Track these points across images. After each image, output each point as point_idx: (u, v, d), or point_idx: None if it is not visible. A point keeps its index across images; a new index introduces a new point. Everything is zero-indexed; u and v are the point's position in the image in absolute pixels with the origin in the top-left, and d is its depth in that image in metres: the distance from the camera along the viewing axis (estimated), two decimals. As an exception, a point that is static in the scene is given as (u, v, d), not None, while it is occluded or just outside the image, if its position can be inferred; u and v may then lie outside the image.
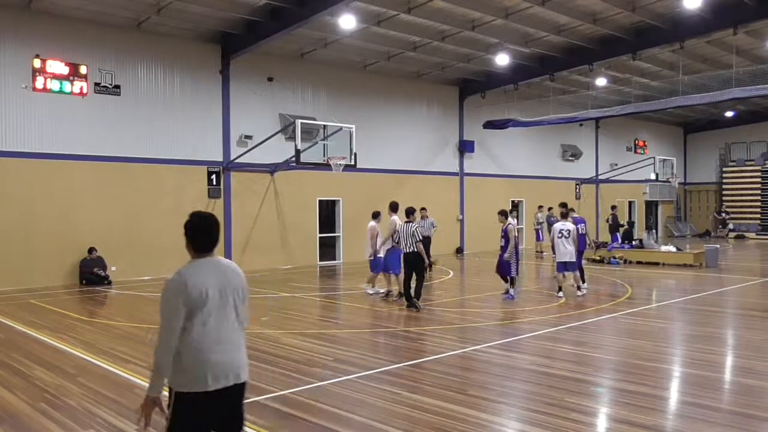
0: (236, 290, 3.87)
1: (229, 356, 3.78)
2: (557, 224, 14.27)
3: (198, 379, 3.66)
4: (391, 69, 23.68)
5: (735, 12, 18.47)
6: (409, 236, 12.28)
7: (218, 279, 3.80)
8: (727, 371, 8.07)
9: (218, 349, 3.73)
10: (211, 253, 3.88)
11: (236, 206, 20.10)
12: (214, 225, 3.90)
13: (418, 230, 12.38)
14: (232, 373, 3.79)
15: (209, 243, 3.87)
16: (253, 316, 11.82)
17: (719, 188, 39.51)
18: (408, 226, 12.41)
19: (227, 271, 3.87)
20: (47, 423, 6.00)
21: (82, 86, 16.97)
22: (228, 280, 3.84)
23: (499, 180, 28.49)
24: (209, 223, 3.88)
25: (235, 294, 3.87)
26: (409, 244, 12.28)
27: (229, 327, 3.82)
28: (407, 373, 7.78)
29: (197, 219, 3.87)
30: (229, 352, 3.79)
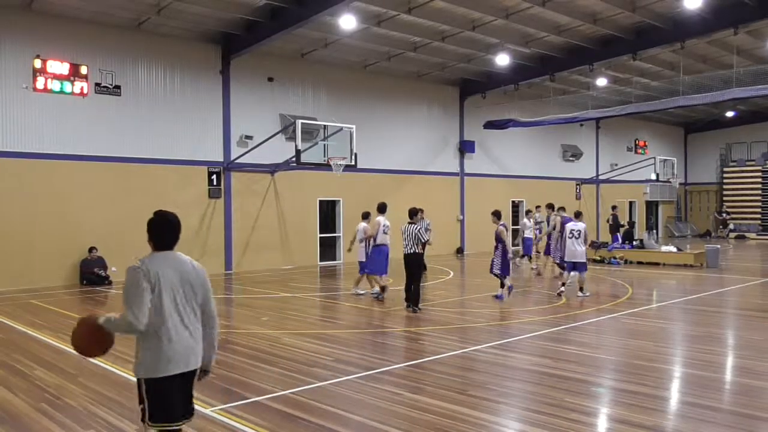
0: (193, 285, 4.18)
1: (187, 344, 4.10)
2: (569, 224, 14.35)
3: (161, 365, 4.02)
4: (392, 69, 23.68)
5: (735, 12, 18.47)
6: (412, 237, 12.14)
7: (175, 273, 4.11)
8: (727, 371, 8.07)
9: (179, 335, 4.07)
10: (171, 249, 4.21)
11: (236, 206, 20.11)
12: (174, 224, 4.23)
13: (422, 232, 12.22)
14: (192, 358, 4.14)
15: (169, 240, 4.20)
16: (253, 317, 11.85)
17: (720, 188, 39.51)
18: (411, 227, 12.23)
19: (185, 267, 4.19)
20: (48, 423, 6.01)
21: (82, 86, 16.98)
22: (186, 275, 4.16)
23: (500, 180, 28.50)
24: (170, 222, 4.22)
25: (192, 288, 4.18)
26: (411, 246, 12.15)
27: (188, 316, 4.14)
28: (408, 373, 7.78)
29: (159, 218, 4.22)
30: (187, 340, 4.11)
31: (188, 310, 4.16)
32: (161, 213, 4.26)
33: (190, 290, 4.18)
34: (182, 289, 4.14)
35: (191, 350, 4.14)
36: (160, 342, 4.02)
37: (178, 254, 4.24)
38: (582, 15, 19.46)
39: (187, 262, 4.24)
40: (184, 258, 4.26)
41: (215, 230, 19.68)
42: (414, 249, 12.13)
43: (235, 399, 6.67)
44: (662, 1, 18.50)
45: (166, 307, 4.04)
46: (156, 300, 4.01)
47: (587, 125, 33.27)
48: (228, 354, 8.86)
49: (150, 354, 4.04)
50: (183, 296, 4.14)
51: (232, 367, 8.08)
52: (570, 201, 31.78)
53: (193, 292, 4.20)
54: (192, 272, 4.21)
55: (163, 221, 4.22)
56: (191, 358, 4.15)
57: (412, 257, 12.18)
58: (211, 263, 19.49)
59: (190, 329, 4.15)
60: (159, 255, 4.16)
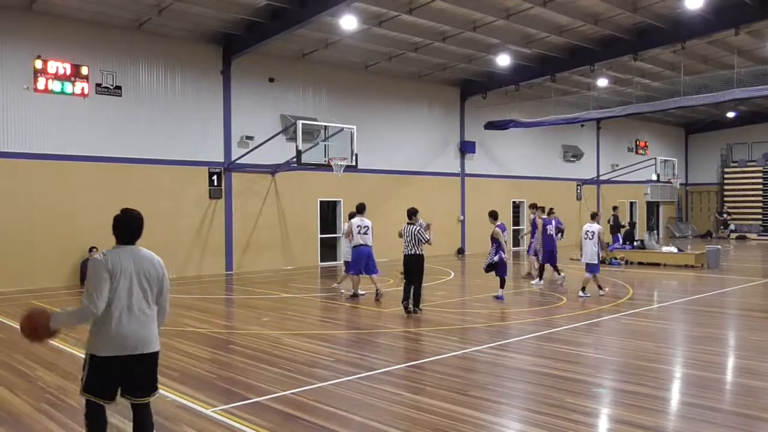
0: (150, 278, 4.58)
1: (134, 330, 4.48)
2: (586, 226, 14.32)
3: (107, 346, 4.43)
4: (393, 69, 23.68)
5: (736, 12, 18.45)
6: (412, 238, 11.98)
7: (133, 266, 4.51)
8: (728, 372, 8.06)
9: (125, 323, 4.45)
10: (133, 243, 4.62)
11: (237, 207, 20.11)
12: (136, 221, 4.66)
13: (422, 232, 11.99)
14: (140, 343, 4.51)
15: (130, 236, 4.62)
16: (254, 317, 11.85)
17: (720, 189, 39.48)
18: (410, 227, 12.06)
19: (144, 261, 4.58)
20: (49, 423, 6.01)
21: (83, 87, 16.98)
22: (143, 268, 4.56)
23: (500, 181, 28.49)
24: (132, 219, 4.64)
25: (148, 281, 4.57)
26: (411, 246, 11.99)
27: (138, 306, 4.51)
28: (408, 373, 7.78)
29: (122, 215, 4.64)
30: (134, 327, 4.49)
31: (142, 300, 4.54)
32: (126, 210, 4.67)
33: (146, 283, 4.56)
34: (138, 281, 4.52)
35: (138, 337, 4.49)
36: (109, 326, 4.41)
37: (139, 249, 4.63)
38: (583, 15, 19.46)
39: (147, 257, 4.62)
40: (145, 253, 4.63)
41: (216, 231, 19.68)
42: (415, 250, 11.96)
43: (236, 399, 6.68)
44: (663, 2, 18.49)
45: (120, 296, 4.43)
46: (112, 289, 4.41)
47: (588, 126, 33.25)
48: (229, 354, 8.87)
49: (98, 334, 4.46)
50: (138, 288, 4.52)
51: (233, 367, 8.09)
52: (571, 201, 31.86)
53: (150, 285, 4.58)
54: (151, 267, 4.60)
55: (126, 218, 4.63)
56: (138, 344, 4.50)
57: (413, 258, 12.01)
58: (212, 264, 19.52)
59: (141, 318, 4.52)
60: (121, 249, 4.57)
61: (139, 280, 4.53)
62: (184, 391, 6.97)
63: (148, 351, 4.59)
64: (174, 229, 18.72)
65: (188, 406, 6.46)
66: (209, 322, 11.53)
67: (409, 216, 12.28)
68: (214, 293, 15.73)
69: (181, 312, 12.53)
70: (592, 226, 14.12)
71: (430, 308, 12.45)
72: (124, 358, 4.47)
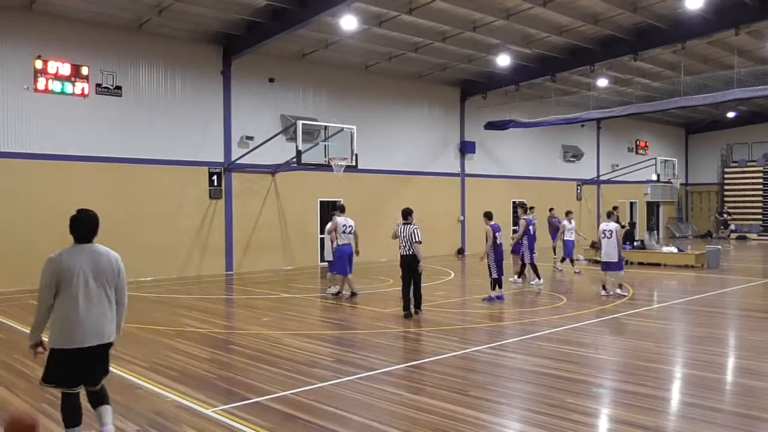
0: (106, 274, 4.91)
1: (91, 323, 4.79)
2: (601, 224, 14.23)
3: (64, 339, 4.76)
4: (393, 70, 23.68)
5: (737, 12, 18.45)
6: (408, 238, 11.75)
7: (88, 262, 4.82)
8: (728, 372, 8.06)
9: (81, 317, 4.76)
10: (89, 242, 4.95)
11: (237, 207, 20.11)
12: (91, 220, 4.98)
13: (417, 231, 11.75)
14: (95, 336, 4.82)
15: (85, 234, 4.94)
16: (254, 317, 11.85)
17: (721, 189, 39.49)
18: (406, 227, 11.85)
19: (100, 258, 4.91)
20: (49, 424, 6.00)
21: (83, 87, 16.99)
22: (98, 264, 4.88)
23: (501, 181, 28.49)
24: (87, 218, 4.96)
25: (105, 277, 4.90)
26: (407, 247, 11.77)
27: (94, 300, 4.83)
28: (408, 374, 7.78)
29: (78, 215, 4.95)
30: (92, 320, 4.81)
31: (98, 295, 4.85)
32: (81, 211, 4.99)
33: (103, 279, 4.88)
34: (94, 277, 4.83)
35: (95, 330, 4.82)
36: (64, 321, 4.76)
37: (95, 246, 4.95)
38: (583, 15, 19.46)
39: (103, 254, 4.94)
40: (102, 250, 4.94)
41: (216, 231, 19.68)
42: (412, 250, 11.74)
43: (236, 399, 6.67)
44: (663, 2, 18.49)
45: (74, 293, 4.74)
46: (65, 286, 4.73)
47: (588, 126, 33.25)
48: (229, 355, 8.87)
49: (56, 328, 4.81)
50: (94, 283, 4.83)
51: (233, 367, 8.09)
52: (571, 201, 31.83)
53: (106, 281, 4.91)
54: (107, 263, 4.93)
55: (81, 218, 4.96)
56: (95, 336, 4.83)
57: (410, 258, 11.79)
58: (212, 264, 19.52)
59: (97, 312, 4.84)
60: (77, 247, 4.90)
61: (95, 276, 4.84)
62: (184, 391, 6.97)
63: (104, 342, 4.91)
64: (174, 230, 18.72)
65: (188, 406, 6.46)
66: (209, 322, 11.53)
67: (405, 216, 12.08)
68: (214, 293, 15.73)
69: (181, 312, 12.54)
70: (609, 224, 14.04)
71: (431, 308, 12.44)
72: (84, 350, 4.79)
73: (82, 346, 4.79)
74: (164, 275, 18.25)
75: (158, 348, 9.20)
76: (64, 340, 4.78)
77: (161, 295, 15.01)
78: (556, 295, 14.48)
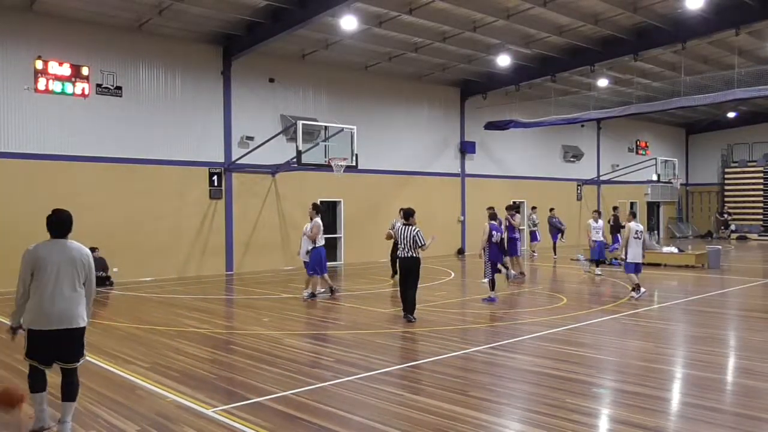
0: (76, 266, 5.58)
1: (62, 308, 5.46)
2: (632, 224, 13.73)
3: (39, 321, 5.46)
4: (393, 70, 23.68)
5: (737, 12, 18.44)
6: (410, 240, 11.28)
7: (61, 255, 5.51)
8: (729, 372, 8.06)
9: (53, 303, 5.44)
10: (63, 237, 5.62)
11: (237, 207, 20.11)
12: (64, 220, 5.64)
13: (421, 234, 11.31)
14: (65, 320, 5.48)
15: (59, 231, 5.62)
16: (255, 318, 11.85)
17: (721, 189, 39.48)
18: (407, 229, 11.41)
19: (72, 251, 5.59)
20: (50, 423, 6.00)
21: (83, 87, 16.99)
22: (70, 256, 5.55)
23: (501, 181, 28.48)
24: (63, 218, 5.64)
25: (75, 268, 5.57)
26: (408, 249, 11.31)
27: (64, 289, 5.49)
28: (408, 374, 7.78)
29: (54, 215, 5.64)
30: (63, 306, 5.47)
31: (69, 284, 5.52)
32: (57, 211, 5.67)
33: (73, 270, 5.55)
34: (66, 268, 5.50)
35: (66, 315, 5.47)
36: (38, 306, 5.45)
37: (68, 242, 5.63)
38: (583, 16, 19.45)
39: (75, 248, 5.63)
40: (74, 245, 5.64)
41: (216, 231, 19.68)
42: (411, 252, 11.30)
43: (237, 400, 6.68)
44: (664, 2, 18.49)
45: (47, 281, 5.42)
46: (40, 275, 5.42)
47: (588, 126, 33.25)
48: (229, 355, 8.88)
49: (30, 312, 5.51)
50: (66, 273, 5.50)
51: (234, 367, 8.09)
52: (571, 202, 31.86)
53: (77, 272, 5.58)
54: (78, 256, 5.60)
55: (57, 218, 5.63)
56: (65, 320, 5.47)
57: (411, 261, 11.35)
58: (212, 264, 19.52)
59: (68, 299, 5.49)
60: (51, 242, 5.59)
61: (66, 267, 5.51)
62: (184, 391, 6.97)
63: (75, 326, 5.55)
64: (174, 230, 18.73)
65: (189, 407, 6.46)
66: (209, 322, 11.53)
67: (407, 217, 11.65)
68: (215, 293, 15.73)
69: (181, 312, 12.54)
70: (639, 225, 13.77)
71: (431, 309, 12.45)
72: (55, 331, 5.47)
73: (53, 329, 5.46)
74: (164, 275, 18.25)
75: (159, 348, 9.20)
76: (38, 323, 5.47)
77: (161, 295, 15.01)
78: (556, 295, 14.47)
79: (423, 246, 11.30)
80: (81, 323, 5.60)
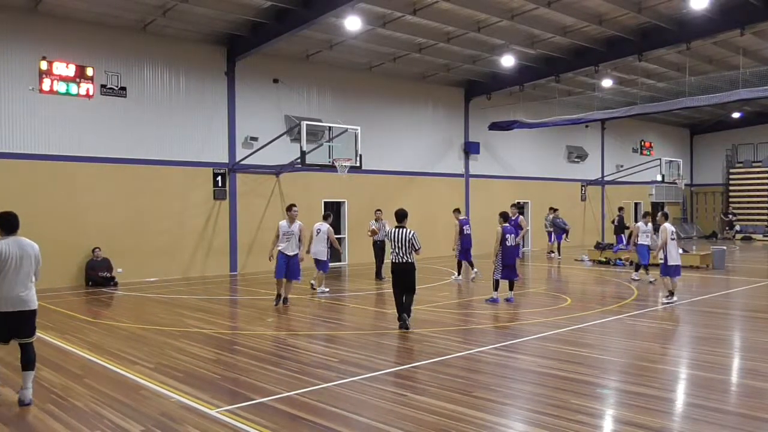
0: (30, 258, 6.74)
1: (17, 294, 6.58)
2: (668, 225, 13.20)
3: (2, 306, 6.52)
4: (397, 70, 23.68)
5: (742, 13, 18.38)
6: (404, 243, 10.46)
7: (17, 250, 6.65)
8: (733, 373, 8.04)
9: (12, 290, 6.55)
10: (15, 234, 6.78)
11: (242, 207, 20.13)
12: (16, 219, 6.85)
13: (417, 237, 10.50)
14: (20, 304, 6.60)
15: (12, 229, 6.78)
16: (258, 318, 11.87)
17: (726, 190, 39.38)
18: (400, 231, 10.55)
19: (26, 246, 6.76)
20: (54, 424, 6.02)
21: (88, 88, 17.04)
22: (25, 251, 6.71)
23: (505, 181, 28.44)
24: (12, 218, 6.82)
25: (29, 260, 6.73)
26: (402, 253, 10.50)
27: (21, 278, 6.62)
28: (412, 374, 7.78)
29: (5, 215, 6.80)
30: (18, 292, 6.59)
31: (25, 274, 6.64)
32: (6, 213, 6.84)
33: (27, 262, 6.68)
34: (22, 260, 6.63)
35: (20, 300, 6.59)
36: (2, 292, 6.52)
37: (22, 238, 6.80)
38: (587, 16, 19.42)
39: (27, 244, 6.78)
40: (26, 241, 6.81)
41: (220, 231, 19.71)
42: (406, 257, 10.49)
43: (240, 400, 6.68)
44: (668, 2, 18.44)
45: (10, 271, 6.54)
46: (5, 266, 6.51)
47: (592, 126, 33.19)
48: (233, 355, 8.89)
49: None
50: (22, 265, 6.61)
51: (237, 368, 8.10)
52: (575, 202, 31.82)
53: (30, 263, 6.72)
54: (30, 250, 6.76)
55: (7, 218, 6.79)
56: (18, 304, 6.58)
57: (404, 267, 10.55)
58: (216, 264, 19.55)
59: (24, 286, 6.62)
60: (8, 238, 6.71)
61: (22, 259, 6.64)
62: (188, 391, 6.98)
63: (29, 309, 6.67)
64: (178, 230, 18.76)
65: (192, 407, 6.47)
66: (214, 322, 11.54)
67: (400, 219, 10.82)
68: (219, 294, 15.74)
69: (185, 313, 12.56)
70: (671, 226, 13.35)
71: (434, 309, 12.44)
72: (13, 313, 6.55)
73: (14, 310, 6.55)
74: (168, 276, 18.28)
75: (163, 349, 9.21)
76: (3, 306, 6.52)
77: (166, 295, 15.04)
78: (561, 296, 14.45)
79: (419, 249, 10.58)
80: (33, 306, 6.73)
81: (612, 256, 22.01)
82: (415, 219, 23.28)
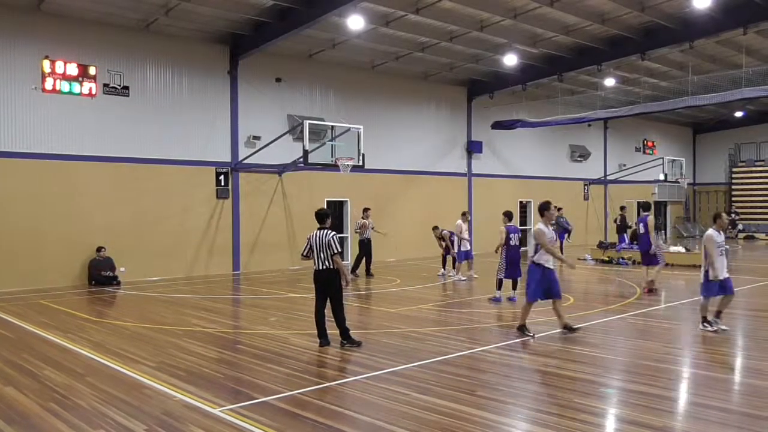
0: None
1: None
2: (714, 234, 9.84)
3: None
4: (399, 69, 23.67)
5: (745, 12, 18.35)
6: (323, 248, 9.10)
7: None
8: (736, 372, 8.02)
9: None
10: None
11: (244, 207, 20.15)
12: None
13: (335, 239, 9.15)
14: None
15: None
16: (261, 317, 11.87)
17: (728, 189, 39.33)
18: (320, 233, 9.19)
19: None
20: (57, 423, 6.03)
21: (91, 87, 17.06)
22: None
23: (507, 180, 28.43)
24: None
25: None
26: (324, 258, 9.09)
27: None
28: (415, 373, 7.77)
29: None
30: None
31: None
32: None
33: None
34: None
35: None
36: None
37: None
38: (590, 15, 19.40)
39: None
40: None
41: (223, 230, 19.72)
42: (327, 263, 9.09)
43: (243, 399, 6.68)
44: (671, 1, 18.41)
45: None
46: None
47: (595, 125, 33.16)
48: (236, 354, 8.89)
49: None
50: None
51: (240, 367, 8.10)
52: (578, 201, 31.78)
53: None
54: None
55: None
56: None
57: (327, 275, 9.18)
58: (219, 264, 19.57)
59: None
60: None
61: None
62: (191, 390, 6.99)
63: None
64: (181, 229, 18.78)
65: (195, 406, 6.48)
66: (216, 321, 11.55)
67: (320, 219, 9.39)
68: (222, 293, 15.76)
69: (188, 312, 12.57)
70: (722, 234, 10.03)
71: (437, 308, 12.43)
72: None
73: None
74: (171, 275, 18.30)
75: (166, 348, 9.22)
76: None
77: (168, 294, 15.05)
78: (564, 295, 14.39)
79: (338, 253, 9.11)
80: None
81: (615, 256, 21.99)
82: (418, 218, 23.44)
